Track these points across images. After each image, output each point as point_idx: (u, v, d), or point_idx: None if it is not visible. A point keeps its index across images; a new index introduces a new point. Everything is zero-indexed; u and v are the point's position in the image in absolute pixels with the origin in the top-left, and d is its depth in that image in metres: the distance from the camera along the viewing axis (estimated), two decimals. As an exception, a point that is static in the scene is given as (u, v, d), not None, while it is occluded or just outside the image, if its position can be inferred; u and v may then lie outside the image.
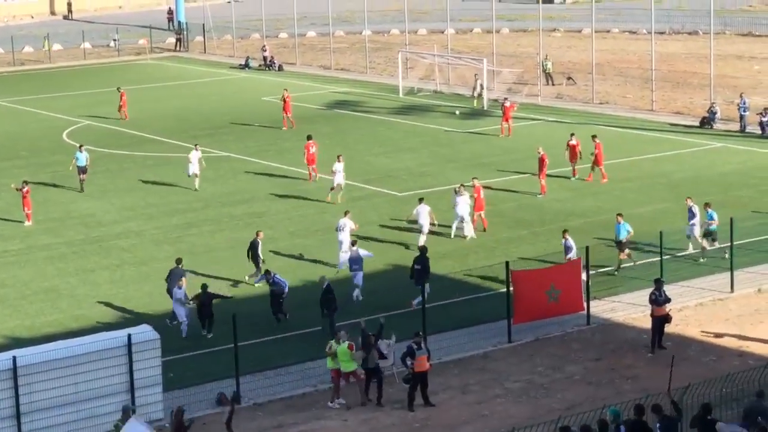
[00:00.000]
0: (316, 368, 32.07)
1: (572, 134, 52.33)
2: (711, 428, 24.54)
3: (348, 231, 40.48)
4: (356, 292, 37.18)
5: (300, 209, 48.21)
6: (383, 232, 44.73)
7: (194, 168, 51.73)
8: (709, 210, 40.19)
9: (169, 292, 36.05)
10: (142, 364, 29.10)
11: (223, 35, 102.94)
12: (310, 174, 52.83)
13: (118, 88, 71.44)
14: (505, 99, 64.21)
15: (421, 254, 37.61)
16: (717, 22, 79.90)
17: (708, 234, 39.94)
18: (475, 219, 44.31)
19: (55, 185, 53.70)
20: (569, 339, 34.15)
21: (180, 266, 36.85)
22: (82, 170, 52.44)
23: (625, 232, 39.23)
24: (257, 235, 39.87)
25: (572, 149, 51.37)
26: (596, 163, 50.90)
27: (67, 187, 53.06)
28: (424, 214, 42.67)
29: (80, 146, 53.76)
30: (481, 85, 69.81)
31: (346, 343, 30.38)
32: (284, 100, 64.66)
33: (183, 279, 35.78)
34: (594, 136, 51.90)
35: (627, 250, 39.28)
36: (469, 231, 43.44)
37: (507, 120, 61.57)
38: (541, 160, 48.93)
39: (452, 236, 43.28)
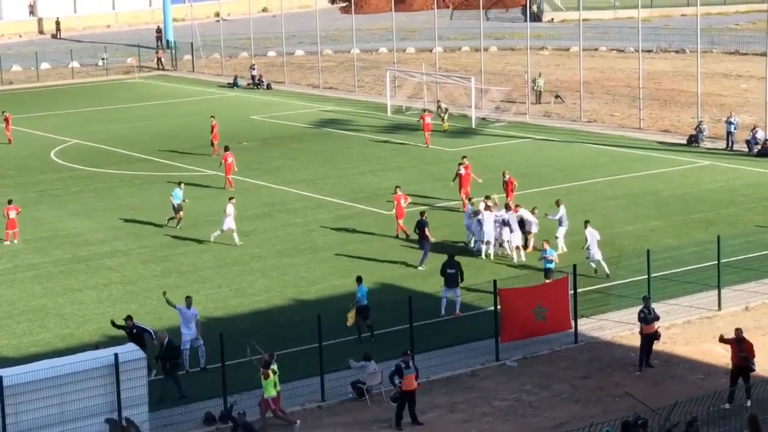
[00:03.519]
0: (303, 387, 32.02)
1: (464, 156, 52.19)
2: None
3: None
4: None
5: (288, 228, 48.19)
6: (369, 251, 44.71)
7: (230, 222, 46.17)
8: (547, 247, 40.15)
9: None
10: (129, 384, 28.99)
11: (212, 54, 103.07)
12: (229, 182, 54.02)
13: (2, 112, 71.04)
14: (424, 110, 66.15)
15: (451, 259, 37.97)
16: (704, 41, 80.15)
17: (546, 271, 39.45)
18: (401, 226, 45.63)
19: (42, 204, 53.62)
20: (557, 357, 34.14)
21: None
22: (179, 208, 48.57)
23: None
24: None
25: (464, 177, 50.69)
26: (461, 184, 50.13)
27: (55, 206, 52.98)
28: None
29: (180, 183, 50.45)
30: (445, 109, 69.53)
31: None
32: (212, 127, 63.42)
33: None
34: (463, 156, 52.06)
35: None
36: (516, 255, 43.14)
37: (428, 130, 63.87)
38: (509, 183, 48.63)
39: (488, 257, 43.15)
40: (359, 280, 36.32)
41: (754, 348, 30.38)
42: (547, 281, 37.16)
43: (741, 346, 30.18)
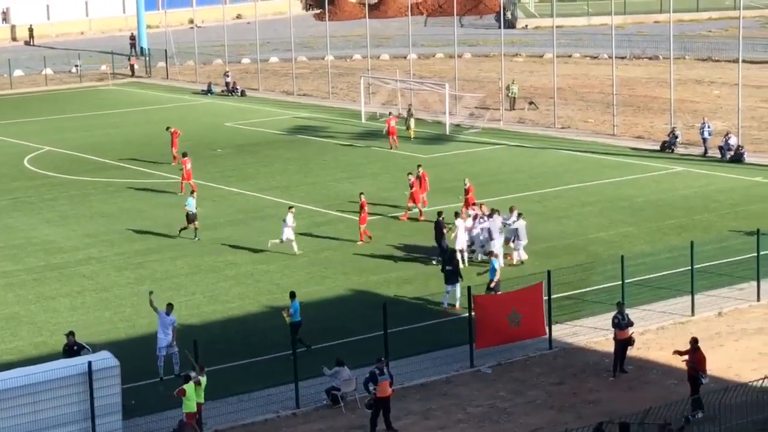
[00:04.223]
0: (278, 394, 31.99)
1: (419, 166, 52.28)
2: None
3: None
4: None
5: (262, 235, 48.09)
6: (343, 258, 44.69)
7: (288, 233, 45.16)
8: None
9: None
10: (102, 392, 28.88)
11: (186, 61, 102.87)
12: (192, 187, 53.63)
13: None
14: (389, 113, 67.10)
15: (451, 256, 39.00)
16: (677, 48, 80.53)
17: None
18: (364, 232, 46.08)
19: (15, 211, 53.41)
20: (531, 363, 34.17)
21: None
22: (194, 217, 47.74)
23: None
24: None
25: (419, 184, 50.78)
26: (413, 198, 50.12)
27: (28, 213, 52.77)
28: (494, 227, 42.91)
29: (192, 192, 49.81)
30: (412, 115, 69.48)
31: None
32: (172, 135, 63.08)
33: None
34: (418, 165, 52.28)
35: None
36: (521, 254, 43.47)
37: (393, 134, 64.53)
38: (468, 191, 48.54)
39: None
40: (292, 295, 35.71)
41: (707, 357, 30.36)
42: (494, 292, 37.00)
43: (693, 356, 30.22)
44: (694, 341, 30.58)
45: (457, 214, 43.86)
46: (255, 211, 52.32)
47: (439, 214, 44.26)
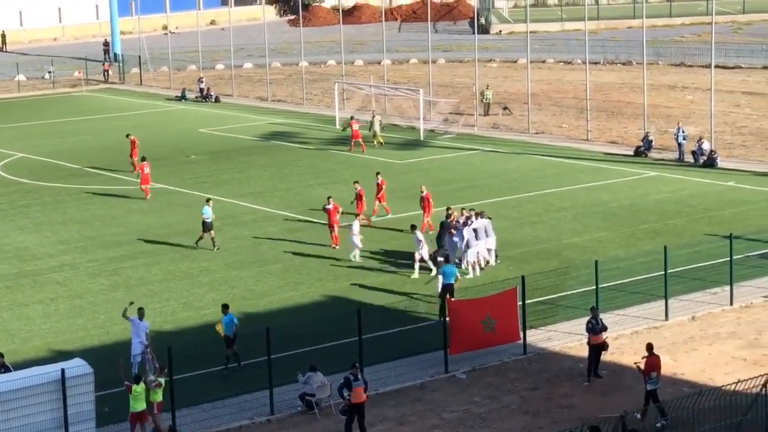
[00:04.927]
0: (252, 401, 31.94)
1: (378, 173, 52.16)
2: None
3: None
4: None
5: (236, 241, 48.03)
6: (318, 264, 44.65)
7: (357, 241, 44.89)
8: None
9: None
10: (76, 399, 28.76)
11: (160, 67, 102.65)
12: (147, 192, 54.70)
13: None
14: (351, 117, 67.49)
15: (440, 248, 41.13)
16: (650, 53, 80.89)
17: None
18: (335, 235, 46.21)
19: (-12, 219, 53.24)
20: (506, 369, 34.22)
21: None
22: (210, 226, 46.76)
23: None
24: None
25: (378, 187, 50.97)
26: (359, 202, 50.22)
27: (1, 220, 52.54)
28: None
29: (208, 200, 48.42)
30: (380, 122, 69.44)
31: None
32: (132, 143, 62.61)
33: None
34: (377, 172, 52.36)
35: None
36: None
37: (356, 137, 65.17)
38: (425, 200, 48.13)
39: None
40: (225, 308, 35.13)
41: (661, 363, 30.46)
42: (450, 298, 36.56)
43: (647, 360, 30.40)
44: (649, 346, 30.70)
45: (414, 227, 43.36)
46: (229, 217, 52.20)
47: (448, 209, 44.27)
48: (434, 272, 40.87)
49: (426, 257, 42.18)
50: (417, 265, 42.38)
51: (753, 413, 27.76)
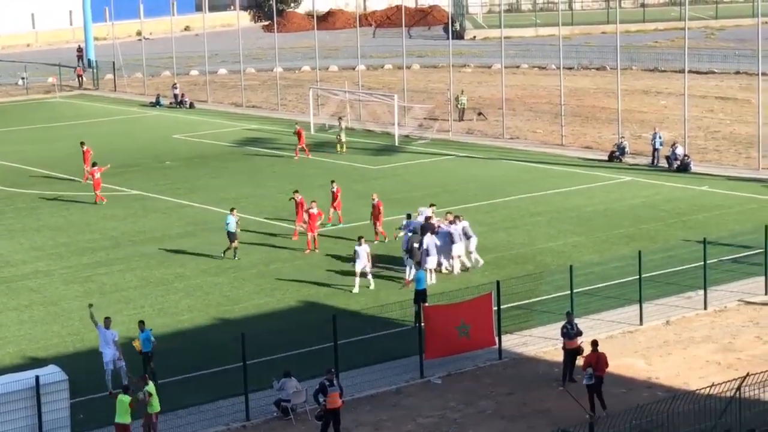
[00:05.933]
0: (228, 407, 31.90)
1: (333, 181, 52.02)
2: None
3: None
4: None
5: (211, 247, 47.90)
6: (293, 269, 44.63)
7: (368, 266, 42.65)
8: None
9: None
10: (50, 406, 28.69)
11: (134, 73, 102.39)
12: (100, 197, 55.39)
13: None
14: (296, 123, 68.63)
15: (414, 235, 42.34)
16: (624, 58, 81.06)
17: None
18: (310, 240, 46.74)
19: (-39, 225, 52.99)
20: (481, 374, 34.27)
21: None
22: (234, 236, 46.13)
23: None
24: None
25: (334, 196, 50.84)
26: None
27: (-26, 227, 52.39)
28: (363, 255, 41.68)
29: (232, 209, 47.51)
30: (342, 128, 69.40)
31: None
32: (84, 153, 61.89)
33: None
34: (332, 180, 52.11)
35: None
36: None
37: (302, 143, 65.97)
38: (376, 208, 47.75)
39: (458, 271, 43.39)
40: (141, 324, 34.55)
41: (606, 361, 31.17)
42: (424, 304, 36.35)
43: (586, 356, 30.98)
44: (594, 343, 31.25)
45: (360, 238, 42.75)
46: (204, 223, 52.13)
47: (428, 218, 44.12)
48: (408, 271, 41.66)
49: (367, 270, 41.72)
50: (357, 279, 41.67)
51: (727, 417, 27.87)
